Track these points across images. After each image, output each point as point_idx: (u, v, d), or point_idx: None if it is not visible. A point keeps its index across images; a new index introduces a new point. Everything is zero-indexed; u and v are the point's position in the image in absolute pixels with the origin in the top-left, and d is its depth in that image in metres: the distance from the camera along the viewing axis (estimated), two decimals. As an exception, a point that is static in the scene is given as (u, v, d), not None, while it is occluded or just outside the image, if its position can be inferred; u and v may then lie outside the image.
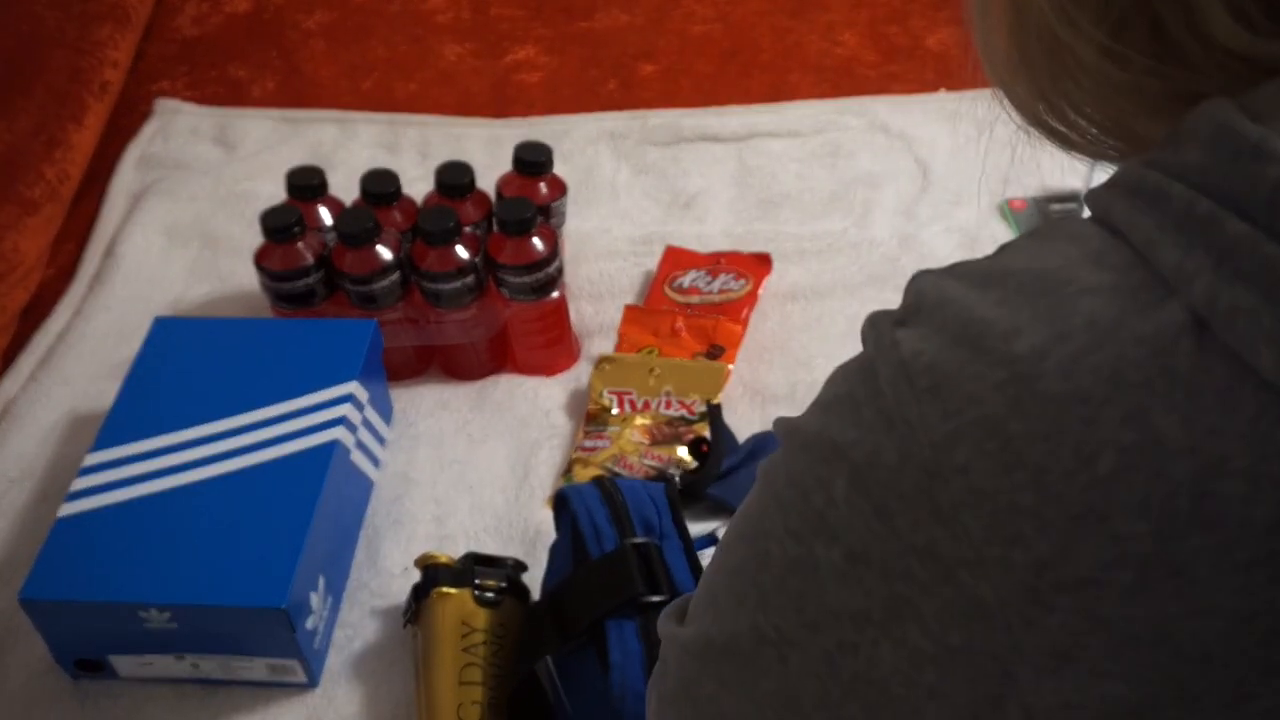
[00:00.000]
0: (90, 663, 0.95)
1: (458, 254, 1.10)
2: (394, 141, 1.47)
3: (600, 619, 0.80)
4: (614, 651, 0.78)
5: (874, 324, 0.43)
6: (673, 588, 0.81)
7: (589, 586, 0.83)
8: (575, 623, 0.82)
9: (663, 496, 0.89)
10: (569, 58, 1.59)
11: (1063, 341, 0.36)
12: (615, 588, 0.81)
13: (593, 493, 0.88)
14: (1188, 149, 0.36)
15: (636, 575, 0.81)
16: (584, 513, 0.86)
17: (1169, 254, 0.35)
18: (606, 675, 0.78)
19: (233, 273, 1.31)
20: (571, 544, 0.86)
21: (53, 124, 1.39)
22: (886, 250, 1.28)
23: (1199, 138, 0.36)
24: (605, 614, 0.80)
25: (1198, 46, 0.38)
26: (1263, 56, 0.37)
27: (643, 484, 0.91)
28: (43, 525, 1.01)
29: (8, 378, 1.21)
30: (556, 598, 0.84)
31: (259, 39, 1.64)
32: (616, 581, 0.81)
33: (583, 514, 0.86)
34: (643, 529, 0.85)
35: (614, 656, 0.78)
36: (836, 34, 1.59)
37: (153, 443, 0.99)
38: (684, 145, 1.44)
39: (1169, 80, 0.40)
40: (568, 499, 0.88)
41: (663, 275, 1.26)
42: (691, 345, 1.20)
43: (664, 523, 0.87)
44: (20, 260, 1.27)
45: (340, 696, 0.95)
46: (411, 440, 1.14)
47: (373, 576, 1.03)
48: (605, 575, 0.82)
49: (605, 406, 1.14)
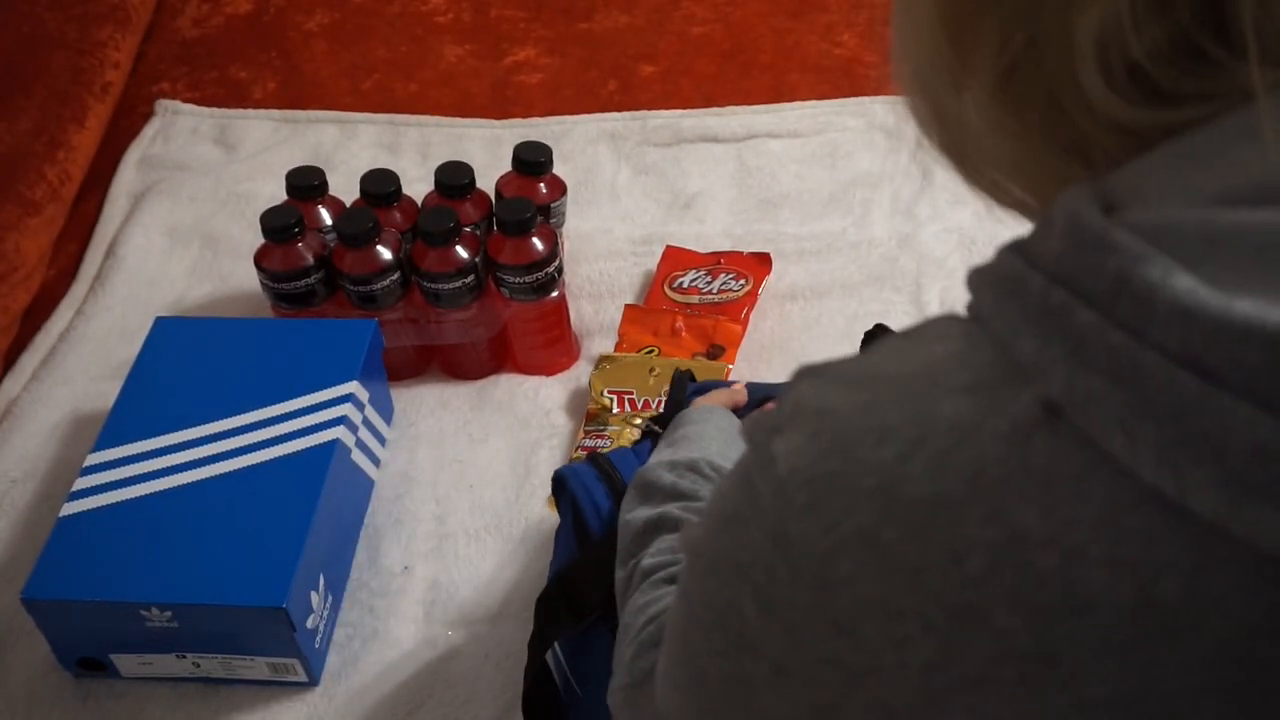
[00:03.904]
0: (92, 661, 0.95)
1: (458, 254, 1.10)
2: (394, 142, 1.48)
3: (609, 593, 0.80)
4: None
5: (752, 435, 0.43)
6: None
7: (596, 563, 0.83)
8: (587, 601, 0.82)
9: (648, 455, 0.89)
10: (569, 59, 1.59)
11: (925, 444, 0.36)
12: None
13: (589, 471, 0.89)
14: (1050, 237, 0.36)
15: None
16: (582, 491, 0.87)
17: (1027, 344, 0.35)
18: None
19: (233, 273, 1.31)
20: (573, 524, 0.87)
21: (54, 125, 1.40)
22: (885, 250, 1.29)
23: (1057, 227, 0.36)
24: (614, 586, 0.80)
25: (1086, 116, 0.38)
26: (1141, 127, 0.37)
27: (632, 451, 0.91)
28: (44, 525, 1.01)
29: (10, 378, 1.21)
30: (565, 579, 0.85)
31: (260, 40, 1.64)
32: None
33: (581, 493, 0.87)
34: None
35: None
36: (836, 35, 1.59)
37: (154, 442, 0.99)
38: (684, 146, 1.44)
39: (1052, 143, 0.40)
40: (565, 480, 0.89)
41: (662, 275, 1.26)
42: (691, 345, 1.20)
43: None
44: (22, 261, 1.27)
45: (340, 695, 0.95)
46: (412, 440, 1.14)
47: (373, 576, 1.03)
48: (611, 549, 0.82)
49: (605, 406, 1.14)
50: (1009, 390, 0.36)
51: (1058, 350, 0.34)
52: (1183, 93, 0.36)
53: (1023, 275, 0.37)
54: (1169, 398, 0.32)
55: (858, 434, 0.38)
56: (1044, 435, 0.35)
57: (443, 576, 1.03)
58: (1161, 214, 0.35)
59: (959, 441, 0.36)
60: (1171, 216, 0.34)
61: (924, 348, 0.40)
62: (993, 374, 0.37)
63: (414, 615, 1.01)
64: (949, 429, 0.36)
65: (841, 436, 0.39)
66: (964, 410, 0.36)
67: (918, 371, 0.39)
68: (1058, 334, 0.35)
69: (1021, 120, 0.40)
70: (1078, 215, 0.35)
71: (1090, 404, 0.33)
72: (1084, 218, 0.35)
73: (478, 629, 0.99)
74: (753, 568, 0.41)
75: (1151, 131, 0.37)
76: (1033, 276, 0.36)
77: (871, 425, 0.38)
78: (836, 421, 0.39)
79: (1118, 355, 0.33)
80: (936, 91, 0.43)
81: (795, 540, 0.39)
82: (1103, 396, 0.33)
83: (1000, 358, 0.37)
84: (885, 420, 0.38)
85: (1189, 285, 0.32)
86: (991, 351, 0.37)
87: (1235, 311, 0.31)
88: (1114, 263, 0.33)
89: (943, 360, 0.38)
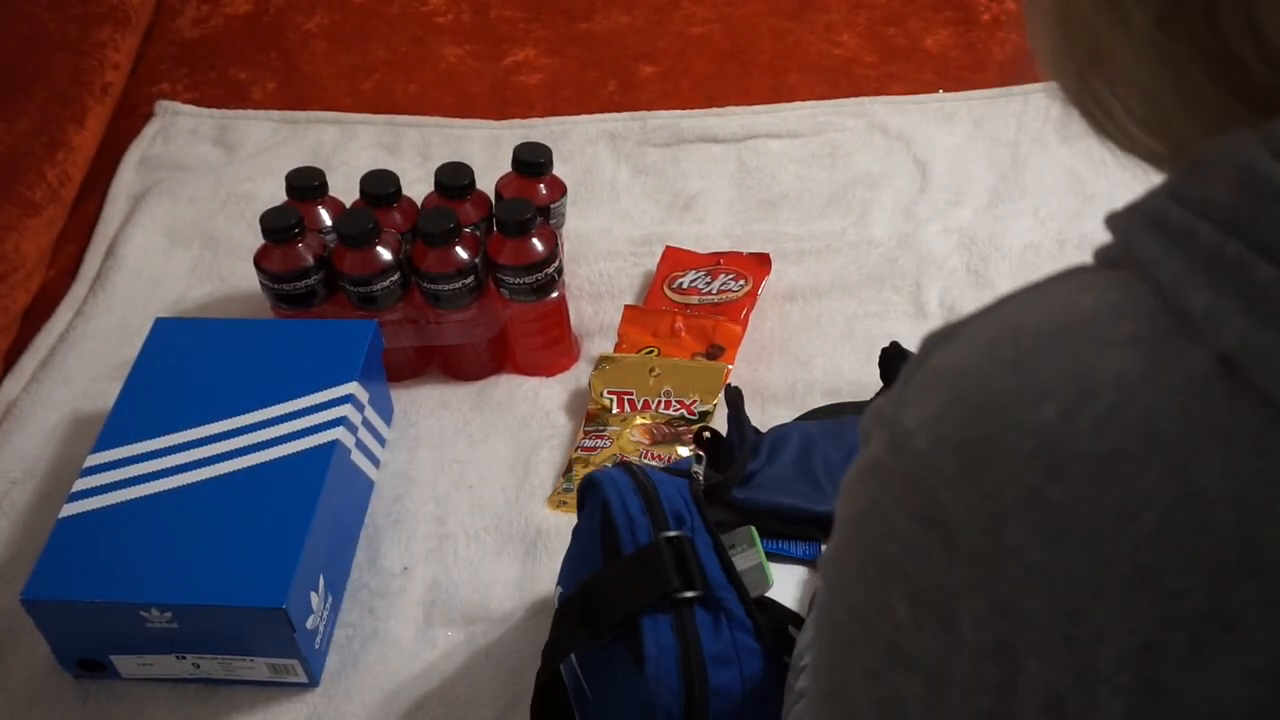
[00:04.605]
0: (92, 662, 0.95)
1: (457, 255, 1.10)
2: (394, 142, 1.48)
3: (633, 615, 0.79)
4: (649, 646, 0.77)
5: (877, 416, 0.41)
6: (706, 583, 0.80)
7: (622, 581, 0.80)
8: (607, 618, 0.80)
9: (688, 491, 0.87)
10: (569, 59, 1.59)
11: (1091, 400, 0.35)
12: (649, 582, 0.79)
13: (625, 479, 0.85)
14: (1213, 185, 0.35)
15: (671, 570, 0.79)
16: (616, 499, 0.83)
17: (1199, 296, 0.34)
18: (640, 671, 0.76)
19: (233, 273, 1.31)
20: (602, 532, 0.84)
21: (54, 125, 1.40)
22: (885, 250, 1.29)
23: (1224, 175, 0.35)
24: (639, 610, 0.78)
25: (1251, 44, 0.36)
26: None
27: (669, 475, 0.88)
28: (44, 526, 1.01)
29: (9, 379, 1.21)
30: (587, 593, 0.82)
31: (259, 41, 1.64)
32: (651, 576, 0.79)
33: (615, 501, 0.83)
34: (674, 521, 0.82)
35: (649, 651, 0.76)
36: (835, 35, 1.59)
37: (154, 443, 0.99)
38: (684, 146, 1.44)
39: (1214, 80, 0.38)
40: (600, 484, 0.85)
41: (662, 276, 1.26)
42: (691, 345, 1.20)
43: (693, 517, 0.85)
44: (22, 261, 1.27)
45: (340, 696, 0.96)
46: (412, 440, 1.14)
47: (373, 576, 1.03)
48: (639, 570, 0.80)
49: (605, 406, 1.14)
50: (1178, 343, 0.35)
51: (1234, 304, 0.34)
52: None
53: (1190, 224, 0.35)
54: None
55: (1010, 394, 0.37)
56: (1220, 390, 0.34)
57: (443, 577, 1.03)
58: None
59: (1129, 396, 0.35)
60: None
61: (1067, 299, 0.38)
62: (1158, 325, 0.35)
63: (414, 615, 1.01)
64: (1115, 383, 0.35)
65: (991, 398, 0.37)
66: (1131, 363, 0.35)
67: (1069, 325, 0.37)
68: (1233, 287, 0.34)
69: (1187, 51, 0.38)
70: (1253, 165, 0.34)
71: (1271, 361, 0.33)
72: (1260, 168, 0.34)
73: (478, 629, 0.99)
74: (904, 559, 0.39)
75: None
76: (1201, 226, 0.35)
77: (1025, 384, 0.36)
78: (982, 382, 0.38)
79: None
80: (1093, 22, 0.40)
81: (952, 511, 0.37)
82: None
83: (1165, 308, 0.36)
84: (1040, 378, 0.36)
85: None
86: (1154, 301, 0.36)
87: None
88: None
89: (1096, 312, 0.37)
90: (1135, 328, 0.36)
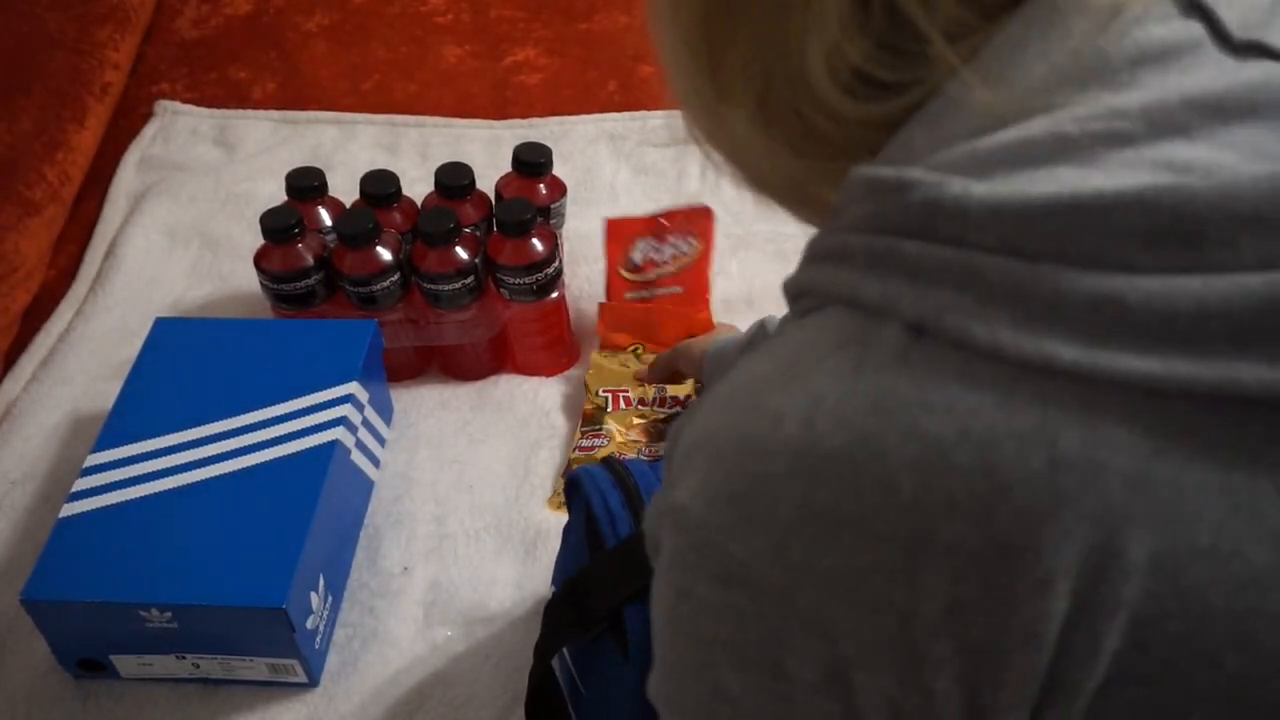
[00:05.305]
0: (92, 663, 0.95)
1: (457, 255, 1.10)
2: (394, 143, 1.48)
3: (618, 606, 0.80)
4: (633, 635, 0.78)
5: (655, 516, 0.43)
6: None
7: (606, 575, 0.82)
8: (594, 612, 0.81)
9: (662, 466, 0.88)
10: (569, 59, 1.59)
11: (820, 403, 0.38)
12: (632, 573, 0.80)
13: (604, 475, 0.87)
14: (850, 209, 0.41)
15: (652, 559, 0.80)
16: (597, 496, 0.85)
17: (872, 288, 0.39)
18: (627, 661, 0.78)
19: (233, 273, 1.31)
20: (585, 528, 0.86)
21: (54, 125, 1.40)
22: (885, 250, 1.29)
23: (854, 195, 0.41)
24: (623, 600, 0.80)
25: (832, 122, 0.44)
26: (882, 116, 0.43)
27: (649, 465, 0.90)
28: (44, 526, 1.01)
29: (9, 379, 1.21)
30: (573, 588, 0.84)
31: (259, 41, 1.64)
32: (633, 567, 0.80)
33: (596, 497, 0.85)
34: None
35: (633, 639, 0.78)
36: (835, 35, 1.59)
37: (154, 443, 0.99)
38: (684, 146, 1.44)
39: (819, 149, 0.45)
40: (580, 482, 0.87)
41: (613, 258, 1.23)
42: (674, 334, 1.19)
43: None
44: (22, 261, 1.27)
45: (340, 696, 0.96)
46: (411, 440, 1.14)
47: (373, 576, 1.03)
48: (622, 562, 0.81)
49: (600, 405, 1.14)
50: (873, 331, 0.38)
51: (899, 282, 0.38)
52: (903, 81, 0.42)
53: (842, 244, 0.41)
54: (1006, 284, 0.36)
55: (754, 430, 0.39)
56: (918, 350, 0.37)
57: (442, 577, 1.03)
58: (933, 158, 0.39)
59: (849, 387, 0.38)
60: (942, 156, 0.39)
61: (780, 344, 0.42)
62: (853, 326, 0.39)
63: (414, 615, 1.01)
64: (834, 382, 0.38)
65: (742, 441, 0.40)
66: (843, 363, 0.38)
67: (789, 358, 0.41)
68: (893, 270, 0.38)
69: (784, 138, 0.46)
70: (872, 175, 0.40)
71: (945, 312, 0.37)
72: (878, 174, 0.40)
73: (478, 629, 0.99)
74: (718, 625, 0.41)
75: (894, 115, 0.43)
76: (852, 239, 0.40)
77: (764, 416, 0.39)
78: (729, 433, 0.40)
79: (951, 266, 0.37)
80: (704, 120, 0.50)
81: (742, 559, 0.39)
82: (953, 304, 0.37)
83: (853, 312, 0.40)
84: (775, 405, 0.39)
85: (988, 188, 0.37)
86: (843, 312, 0.40)
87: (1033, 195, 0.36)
88: (918, 194, 0.38)
89: (807, 341, 0.41)
90: (836, 336, 0.39)
